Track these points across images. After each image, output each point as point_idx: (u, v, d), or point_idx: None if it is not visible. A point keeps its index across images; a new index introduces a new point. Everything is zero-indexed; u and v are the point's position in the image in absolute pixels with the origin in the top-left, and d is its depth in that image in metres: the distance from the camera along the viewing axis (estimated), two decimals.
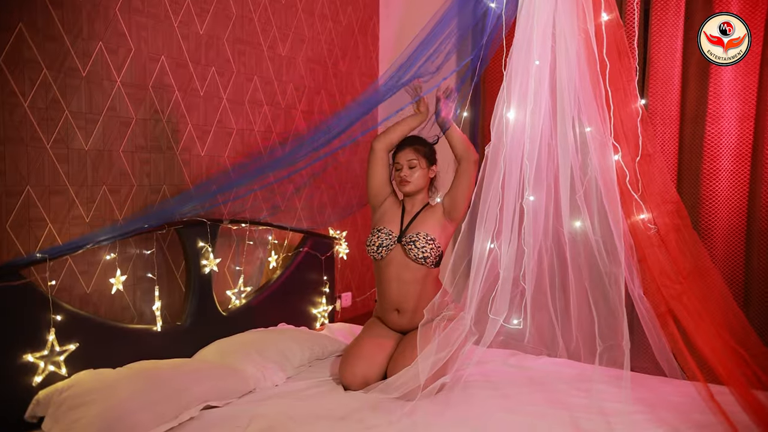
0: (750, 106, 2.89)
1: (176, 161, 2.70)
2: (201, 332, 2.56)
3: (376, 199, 2.57)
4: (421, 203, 2.53)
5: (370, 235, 2.54)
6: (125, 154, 2.49)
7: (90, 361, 2.14)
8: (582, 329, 2.20)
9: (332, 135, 2.67)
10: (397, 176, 2.50)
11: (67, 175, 2.29)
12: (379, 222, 2.56)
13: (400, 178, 2.49)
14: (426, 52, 2.39)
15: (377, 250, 2.47)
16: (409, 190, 2.48)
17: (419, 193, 2.52)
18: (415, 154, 2.46)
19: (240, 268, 2.89)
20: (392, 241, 2.46)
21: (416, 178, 2.45)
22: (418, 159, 2.46)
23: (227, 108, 2.93)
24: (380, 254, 2.47)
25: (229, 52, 2.92)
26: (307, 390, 2.32)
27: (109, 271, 2.40)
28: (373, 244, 2.49)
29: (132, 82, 2.49)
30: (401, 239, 2.46)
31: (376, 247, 2.47)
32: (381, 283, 2.52)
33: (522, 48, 2.03)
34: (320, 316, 3.25)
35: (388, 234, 2.48)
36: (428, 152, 2.50)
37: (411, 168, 2.45)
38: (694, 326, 1.71)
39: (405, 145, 2.51)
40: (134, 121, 2.51)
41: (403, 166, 2.47)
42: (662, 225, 1.84)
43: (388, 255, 2.46)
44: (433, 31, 2.32)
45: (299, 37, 3.34)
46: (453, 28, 2.30)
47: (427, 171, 2.49)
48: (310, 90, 3.44)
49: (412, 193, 2.51)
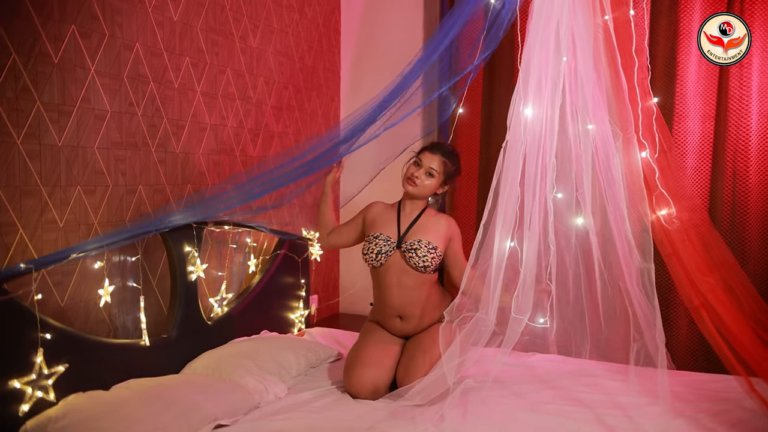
0: (711, 107, 3.09)
1: (152, 159, 2.47)
2: (187, 344, 2.36)
3: (364, 232, 2.51)
4: (420, 207, 2.43)
5: (365, 243, 2.41)
6: (100, 151, 2.24)
7: (78, 384, 1.90)
8: (612, 327, 2.22)
9: (300, 173, 2.49)
10: (410, 171, 2.37)
11: (40, 175, 2.03)
12: (373, 227, 2.45)
13: (411, 175, 2.36)
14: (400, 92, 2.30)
15: (376, 258, 2.36)
16: (412, 193, 2.37)
17: (420, 198, 2.42)
18: (441, 167, 2.34)
19: (222, 273, 2.69)
20: (391, 247, 2.36)
21: (426, 186, 2.34)
22: (440, 172, 2.34)
23: (201, 102, 2.72)
24: (379, 262, 2.36)
25: (203, 41, 2.72)
26: (316, 401, 2.19)
27: (87, 281, 2.15)
28: (371, 252, 2.36)
29: (106, 71, 2.25)
30: (400, 245, 2.36)
31: (375, 255, 2.36)
32: (380, 288, 2.41)
33: (536, 43, 2.02)
34: (297, 321, 3.10)
35: (386, 240, 2.37)
36: (452, 172, 2.38)
37: (428, 174, 2.34)
38: (732, 319, 1.78)
39: (438, 152, 2.36)
40: (109, 115, 2.27)
41: (422, 168, 2.35)
42: (682, 221, 1.89)
43: (387, 261, 2.37)
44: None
45: (269, 28, 3.18)
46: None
47: (439, 186, 2.38)
48: (278, 84, 3.28)
49: (414, 196, 2.40)
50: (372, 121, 2.36)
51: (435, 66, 2.34)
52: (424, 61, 2.23)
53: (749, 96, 3.06)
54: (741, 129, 3.09)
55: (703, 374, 2.56)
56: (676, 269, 1.89)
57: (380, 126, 2.32)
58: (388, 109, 2.38)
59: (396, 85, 2.28)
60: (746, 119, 3.08)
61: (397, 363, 2.31)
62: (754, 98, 3.06)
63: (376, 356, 2.27)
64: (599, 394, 2.25)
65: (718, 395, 2.31)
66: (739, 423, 2.04)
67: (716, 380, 2.50)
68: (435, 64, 2.29)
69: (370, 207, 2.53)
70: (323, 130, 3.77)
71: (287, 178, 2.53)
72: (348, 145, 2.35)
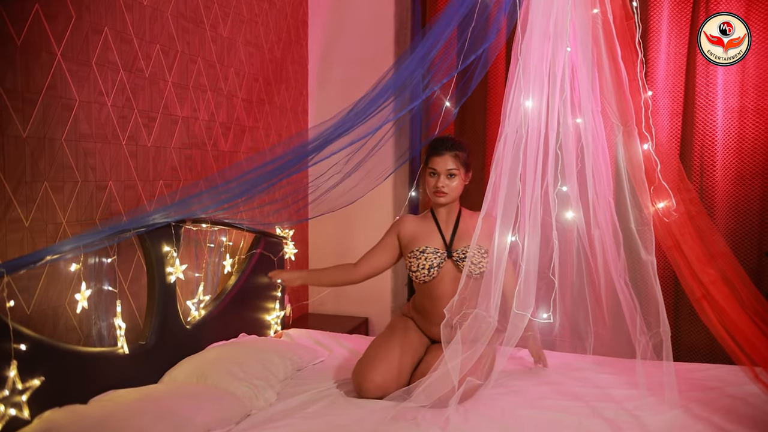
0: (678, 104, 3.16)
1: (122, 153, 2.30)
2: (167, 351, 2.20)
3: (401, 250, 2.40)
4: (455, 210, 2.34)
5: (412, 259, 2.29)
6: (68, 143, 2.06)
7: (54, 398, 1.73)
8: (616, 321, 2.22)
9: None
10: (431, 184, 2.27)
11: (3, 169, 1.84)
12: (414, 242, 2.32)
13: (435, 188, 2.26)
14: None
15: (429, 273, 2.25)
16: (445, 202, 2.27)
17: (454, 201, 2.31)
18: (456, 162, 2.24)
19: (200, 274, 2.54)
20: (442, 258, 2.26)
21: (454, 189, 2.24)
22: (458, 167, 2.25)
23: (173, 92, 2.56)
24: (432, 276, 2.27)
25: (173, 27, 2.55)
26: (308, 406, 2.09)
27: (55, 286, 1.97)
28: (423, 268, 2.25)
29: (74, 56, 2.06)
30: (451, 254, 2.27)
31: (427, 270, 2.24)
32: (431, 300, 2.30)
33: (535, 35, 1.99)
34: (274, 323, 2.98)
35: (435, 252, 2.27)
36: (467, 158, 2.29)
37: (449, 176, 2.24)
38: (732, 310, 1.79)
39: (444, 150, 2.25)
40: (77, 104, 2.09)
41: (441, 175, 2.25)
42: (680, 213, 1.90)
43: (439, 273, 2.27)
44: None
45: (239, 17, 3.03)
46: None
47: (464, 179, 2.29)
48: (249, 76, 3.14)
49: (447, 204, 2.31)
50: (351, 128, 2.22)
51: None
52: (417, 58, 2.14)
53: (715, 93, 3.15)
54: (708, 125, 3.18)
55: (682, 363, 2.60)
56: (677, 262, 1.90)
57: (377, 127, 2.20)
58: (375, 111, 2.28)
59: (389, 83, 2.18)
60: (712, 115, 3.17)
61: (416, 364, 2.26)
62: (720, 95, 3.15)
63: (400, 359, 2.21)
64: (591, 387, 2.25)
65: (702, 384, 2.35)
66: (730, 411, 2.07)
67: (696, 369, 2.55)
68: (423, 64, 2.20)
69: (400, 224, 2.40)
70: (292, 125, 3.65)
71: (260, 181, 2.37)
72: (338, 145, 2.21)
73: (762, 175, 3.13)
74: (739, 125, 3.14)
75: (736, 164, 3.16)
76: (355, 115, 2.14)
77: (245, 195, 2.33)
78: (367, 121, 2.14)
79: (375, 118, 2.12)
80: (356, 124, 2.10)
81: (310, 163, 2.29)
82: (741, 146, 3.15)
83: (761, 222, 3.14)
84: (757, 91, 3.08)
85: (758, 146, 3.12)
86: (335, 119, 2.19)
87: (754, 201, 3.15)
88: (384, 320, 3.89)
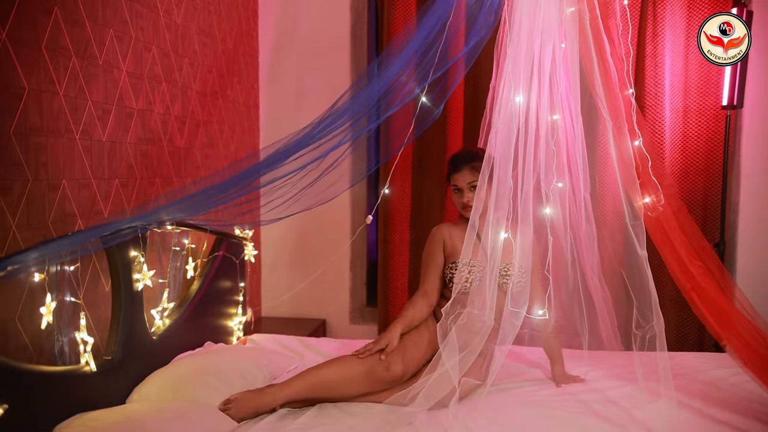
0: None
1: (76, 148, 2.07)
2: (134, 365, 2.01)
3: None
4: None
5: (454, 272, 2.19)
6: (17, 137, 1.82)
7: (17, 425, 1.52)
8: (610, 315, 2.23)
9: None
10: (458, 200, 2.23)
11: None
12: (454, 254, 2.24)
13: (462, 203, 2.21)
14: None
15: (471, 287, 2.13)
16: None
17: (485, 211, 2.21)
18: (474, 174, 2.18)
19: (164, 280, 2.33)
20: (485, 273, 2.10)
21: (481, 199, 2.12)
22: (478, 178, 2.14)
23: (127, 82, 2.34)
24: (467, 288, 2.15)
25: (126, 11, 2.34)
26: (296, 416, 1.95)
27: (3, 299, 1.74)
28: (466, 281, 2.13)
29: (20, 39, 1.83)
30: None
31: (469, 284, 2.12)
32: None
33: (524, 31, 1.96)
34: (236, 329, 2.81)
35: (476, 265, 2.13)
36: (484, 166, 2.16)
37: (472, 189, 2.17)
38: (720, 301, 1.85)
39: (461, 165, 2.22)
40: (26, 93, 1.85)
41: (464, 189, 2.21)
42: (665, 208, 1.94)
43: None
44: None
45: (192, 3, 2.83)
46: None
47: (489, 187, 2.15)
48: (203, 68, 2.94)
49: None
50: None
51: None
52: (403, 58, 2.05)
53: (662, 93, 3.28)
54: (656, 125, 3.30)
55: (650, 353, 2.68)
56: (666, 255, 1.94)
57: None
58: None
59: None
60: (660, 114, 3.29)
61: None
62: (667, 94, 3.29)
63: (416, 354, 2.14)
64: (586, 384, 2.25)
65: (674, 371, 2.43)
66: (705, 396, 2.14)
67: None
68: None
69: (440, 234, 2.31)
70: (245, 120, 3.47)
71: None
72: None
73: (705, 172, 3.28)
74: (683, 124, 3.28)
75: (681, 161, 3.29)
76: (309, 138, 2.02)
77: (200, 210, 2.18)
78: (321, 146, 2.03)
79: (329, 142, 2.02)
80: (309, 145, 1.99)
81: (261, 184, 2.15)
82: (685, 144, 3.29)
83: (704, 216, 3.29)
84: (699, 93, 3.23)
85: (701, 144, 3.26)
86: (287, 140, 2.06)
87: (698, 195, 3.29)
88: (342, 322, 3.78)
